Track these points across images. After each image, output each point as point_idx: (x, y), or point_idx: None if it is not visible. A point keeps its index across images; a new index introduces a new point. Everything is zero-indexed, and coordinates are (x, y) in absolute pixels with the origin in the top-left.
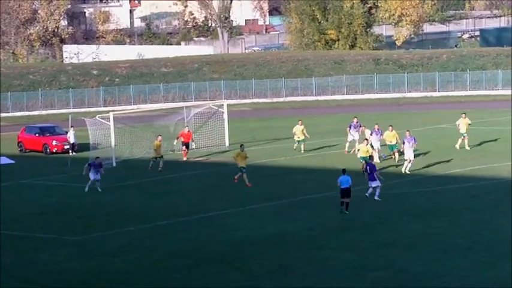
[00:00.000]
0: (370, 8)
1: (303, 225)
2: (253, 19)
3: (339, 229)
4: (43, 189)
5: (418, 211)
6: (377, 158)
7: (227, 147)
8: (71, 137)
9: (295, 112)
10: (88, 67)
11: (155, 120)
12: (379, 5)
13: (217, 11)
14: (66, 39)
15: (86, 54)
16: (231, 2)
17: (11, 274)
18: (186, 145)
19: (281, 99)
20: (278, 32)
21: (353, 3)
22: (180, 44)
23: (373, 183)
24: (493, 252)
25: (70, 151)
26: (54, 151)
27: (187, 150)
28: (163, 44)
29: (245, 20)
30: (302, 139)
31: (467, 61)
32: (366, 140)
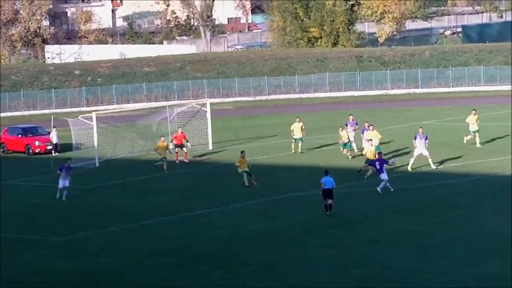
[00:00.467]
0: (352, 6)
1: (287, 223)
2: (235, 17)
3: (323, 227)
4: (26, 190)
5: (401, 208)
6: (355, 147)
7: (210, 150)
8: (54, 138)
9: (278, 110)
10: (70, 67)
11: (138, 119)
12: (361, 2)
13: (199, 10)
14: (48, 39)
15: (68, 54)
16: (213, 1)
17: None
18: (180, 147)
19: (264, 97)
20: (261, 30)
21: (335, 1)
22: (163, 43)
23: (382, 175)
24: (476, 249)
25: (53, 151)
26: (36, 152)
27: (178, 150)
28: (145, 44)
29: (227, 19)
30: (300, 137)
31: (449, 57)
32: (370, 141)
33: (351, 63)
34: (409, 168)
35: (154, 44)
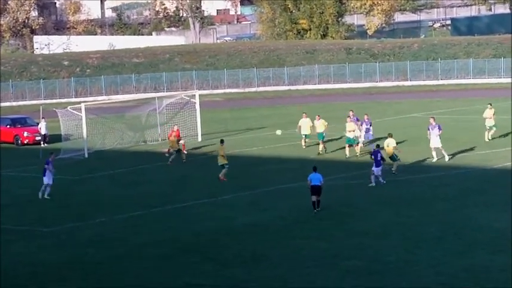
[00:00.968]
0: None
1: (276, 214)
2: (224, 9)
3: (312, 218)
4: (15, 180)
5: (390, 200)
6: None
7: (199, 142)
8: (42, 128)
9: (267, 102)
10: (59, 58)
11: (127, 111)
12: None
13: (188, 1)
14: (36, 30)
15: (57, 45)
16: None
17: None
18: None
19: (253, 89)
20: (250, 22)
21: None
22: (152, 35)
23: (376, 170)
24: (465, 240)
25: (41, 142)
26: (25, 142)
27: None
28: (134, 35)
29: (216, 10)
30: (309, 133)
31: (438, 50)
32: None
33: (340, 55)
34: (434, 160)
35: (143, 35)
